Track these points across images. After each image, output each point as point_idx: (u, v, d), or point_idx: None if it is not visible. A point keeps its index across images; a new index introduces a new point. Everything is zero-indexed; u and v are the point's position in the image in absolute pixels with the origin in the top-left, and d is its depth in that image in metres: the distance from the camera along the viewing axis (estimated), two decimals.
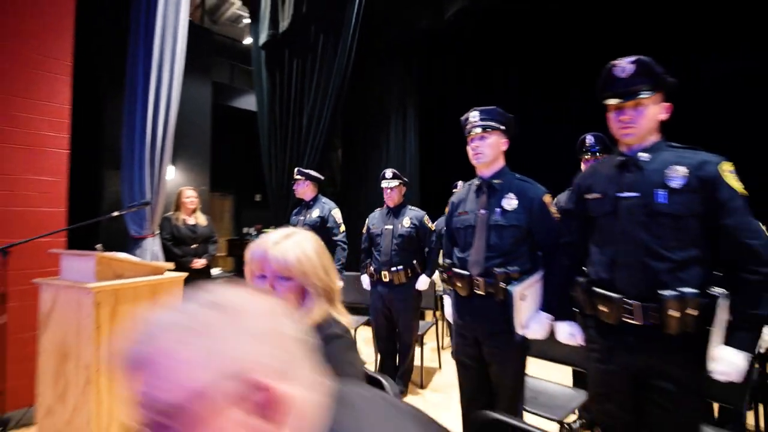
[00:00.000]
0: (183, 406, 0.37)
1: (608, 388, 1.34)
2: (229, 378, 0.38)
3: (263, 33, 4.82)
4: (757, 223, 1.19)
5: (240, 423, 0.37)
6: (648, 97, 1.26)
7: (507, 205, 1.67)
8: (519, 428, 0.86)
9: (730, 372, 1.15)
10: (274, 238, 1.06)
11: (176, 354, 0.38)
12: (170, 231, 3.49)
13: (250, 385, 0.38)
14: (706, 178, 1.20)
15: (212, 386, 0.37)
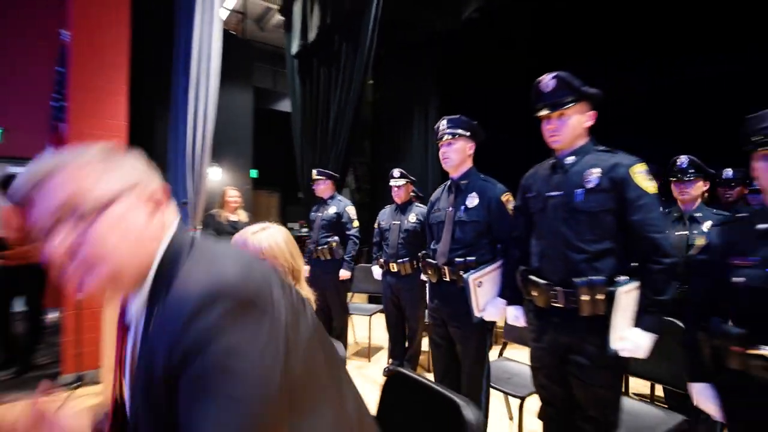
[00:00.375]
0: (101, 206, 0.58)
1: (540, 363, 1.54)
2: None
3: (295, 43, 5.23)
4: (663, 218, 1.33)
5: (134, 206, 0.62)
6: (570, 107, 1.43)
7: (470, 203, 1.89)
8: (416, 381, 1.11)
9: (635, 350, 1.31)
10: (253, 230, 1.39)
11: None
12: (214, 227, 3.97)
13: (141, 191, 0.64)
14: (617, 179, 1.36)
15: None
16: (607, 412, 1.39)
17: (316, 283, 3.45)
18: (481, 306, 1.79)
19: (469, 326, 1.83)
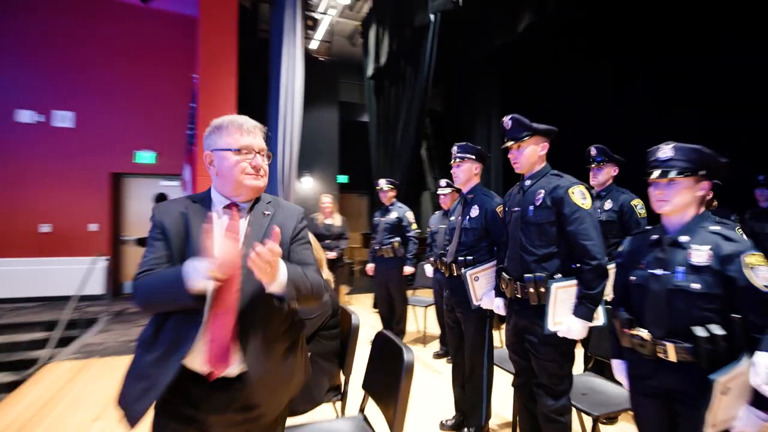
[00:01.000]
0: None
1: (509, 341, 1.96)
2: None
3: (370, 66, 5.97)
4: (592, 228, 1.68)
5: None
6: (525, 140, 1.83)
7: (472, 213, 2.34)
8: (388, 337, 1.65)
9: (568, 332, 1.69)
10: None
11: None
12: (312, 229, 4.84)
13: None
14: (557, 198, 1.73)
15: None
16: (554, 380, 1.77)
17: (380, 278, 4.13)
18: (478, 296, 2.24)
19: (470, 312, 2.29)
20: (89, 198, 6.32)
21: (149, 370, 1.04)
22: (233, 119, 1.21)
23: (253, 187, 1.18)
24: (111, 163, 6.42)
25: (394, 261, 4.15)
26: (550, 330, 1.70)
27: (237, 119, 1.21)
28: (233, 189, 1.17)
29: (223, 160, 1.16)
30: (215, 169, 1.18)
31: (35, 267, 5.93)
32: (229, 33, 4.41)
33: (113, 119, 6.40)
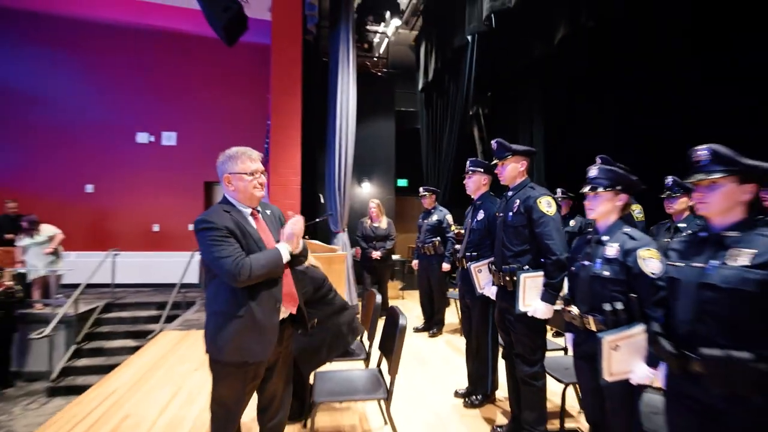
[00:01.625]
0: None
1: (497, 320, 2.42)
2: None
3: (420, 80, 6.52)
4: (554, 231, 2.10)
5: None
6: (507, 159, 2.29)
7: (479, 217, 2.82)
8: (394, 308, 2.21)
9: (535, 312, 2.13)
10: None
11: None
12: (360, 230, 5.47)
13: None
14: (527, 206, 2.18)
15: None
16: (528, 351, 2.21)
17: (423, 273, 4.66)
18: (481, 285, 2.71)
19: (475, 299, 2.77)
20: (188, 202, 7.64)
21: (263, 322, 1.63)
22: (244, 150, 1.73)
23: (260, 198, 1.77)
24: (205, 173, 7.68)
25: (435, 258, 4.64)
26: (521, 310, 2.15)
27: (246, 150, 1.74)
28: (248, 200, 1.72)
29: (240, 181, 1.68)
30: (233, 187, 1.71)
31: (148, 259, 7.35)
32: (295, 59, 5.21)
33: (206, 136, 7.66)
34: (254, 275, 1.57)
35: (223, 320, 1.62)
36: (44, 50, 7.32)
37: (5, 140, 7.21)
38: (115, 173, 7.48)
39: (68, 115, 7.41)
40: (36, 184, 7.20)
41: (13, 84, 7.26)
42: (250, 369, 1.66)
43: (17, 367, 5.31)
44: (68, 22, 7.31)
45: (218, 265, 1.56)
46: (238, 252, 1.60)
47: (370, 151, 7.43)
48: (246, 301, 1.62)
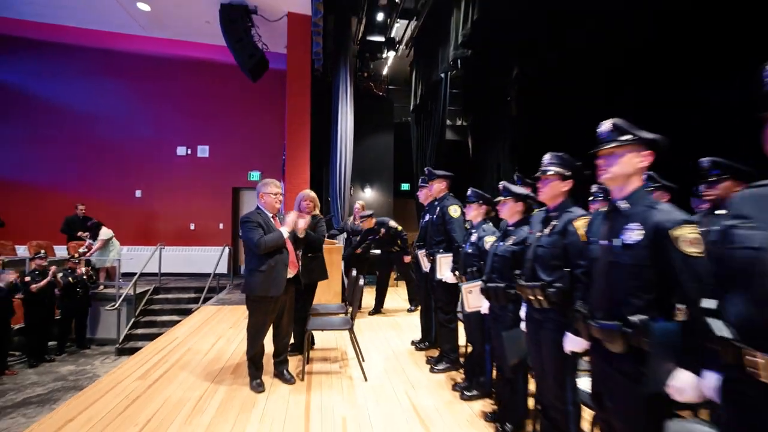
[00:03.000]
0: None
1: (429, 287, 3.65)
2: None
3: (412, 102, 7.74)
4: (458, 228, 3.31)
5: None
6: (434, 180, 3.51)
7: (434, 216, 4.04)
8: (358, 278, 3.45)
9: (447, 280, 3.34)
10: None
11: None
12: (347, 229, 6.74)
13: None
14: (443, 212, 3.40)
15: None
16: (443, 305, 3.42)
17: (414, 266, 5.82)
18: (442, 272, 3.92)
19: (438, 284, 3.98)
20: (218, 205, 9.07)
21: (275, 275, 2.90)
22: (273, 181, 3.07)
23: (278, 208, 3.05)
24: (232, 180, 9.10)
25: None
26: (437, 278, 3.37)
27: (274, 181, 3.08)
28: (271, 209, 3.02)
29: (269, 197, 3.03)
30: (263, 201, 3.04)
31: (187, 252, 8.80)
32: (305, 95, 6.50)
33: (233, 149, 9.07)
34: (267, 246, 2.86)
35: (254, 273, 2.91)
36: (104, 80, 8.85)
37: (74, 155, 8.78)
38: (159, 181, 8.97)
39: (122, 134, 8.93)
40: (97, 190, 8.74)
41: (79, 109, 8.82)
42: (270, 303, 2.95)
43: (90, 335, 6.80)
44: (123, 56, 8.82)
45: (250, 240, 2.86)
46: (260, 234, 2.88)
47: (372, 160, 8.70)
48: (266, 262, 2.90)
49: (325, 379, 3.26)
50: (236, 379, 3.19)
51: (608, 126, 1.46)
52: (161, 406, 2.73)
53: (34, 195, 8.61)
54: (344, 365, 3.59)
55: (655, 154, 1.43)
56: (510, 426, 2.39)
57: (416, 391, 3.05)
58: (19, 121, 8.72)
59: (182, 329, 4.72)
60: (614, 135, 1.45)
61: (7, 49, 8.61)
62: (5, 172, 8.58)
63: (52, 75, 8.80)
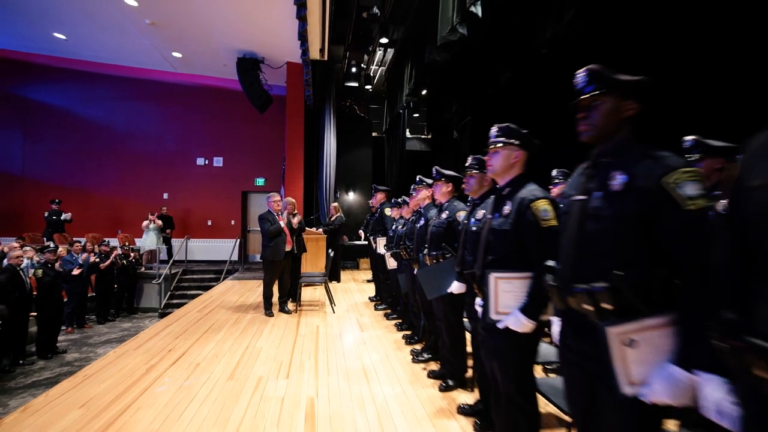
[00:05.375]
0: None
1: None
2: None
3: (384, 124, 9.87)
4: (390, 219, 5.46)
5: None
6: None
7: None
8: (337, 258, 5.55)
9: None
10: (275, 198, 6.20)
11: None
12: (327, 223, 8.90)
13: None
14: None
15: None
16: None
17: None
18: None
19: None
20: (230, 205, 11.19)
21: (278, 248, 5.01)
22: (275, 194, 5.20)
23: (279, 210, 5.17)
24: (241, 185, 11.22)
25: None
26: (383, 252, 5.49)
27: (276, 194, 5.22)
28: (275, 211, 5.13)
29: (273, 204, 5.15)
30: (270, 206, 5.16)
31: (207, 244, 10.94)
32: (299, 122, 8.60)
33: (243, 160, 11.19)
34: (271, 232, 5.01)
35: (266, 247, 5.08)
36: (138, 104, 10.96)
37: (112, 164, 10.89)
38: (183, 185, 11.08)
39: (152, 147, 11.04)
40: (133, 192, 10.87)
41: (118, 127, 10.93)
42: (276, 264, 5.10)
43: (136, 304, 8.94)
44: (154, 85, 10.92)
45: (264, 228, 5.02)
46: (269, 225, 5.02)
47: (354, 169, 10.83)
48: (273, 241, 5.05)
49: (309, 311, 5.41)
50: (256, 311, 5.34)
51: (584, 73, 1.29)
52: (214, 322, 4.86)
53: (83, 197, 10.71)
54: (321, 306, 5.73)
55: (644, 104, 1.23)
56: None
57: (362, 316, 5.19)
58: (70, 138, 10.81)
59: (214, 292, 6.88)
60: (591, 83, 1.27)
61: (62, 80, 10.71)
62: (62, 179, 10.69)
63: (96, 100, 10.90)
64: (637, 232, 1.09)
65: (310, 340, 4.16)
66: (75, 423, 2.39)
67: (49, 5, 7.21)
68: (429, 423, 2.45)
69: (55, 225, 9.20)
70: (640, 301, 1.07)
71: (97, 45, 8.95)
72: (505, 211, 1.78)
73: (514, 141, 1.83)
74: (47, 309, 5.88)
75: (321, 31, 6.39)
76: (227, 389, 2.90)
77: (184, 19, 7.13)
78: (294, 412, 2.57)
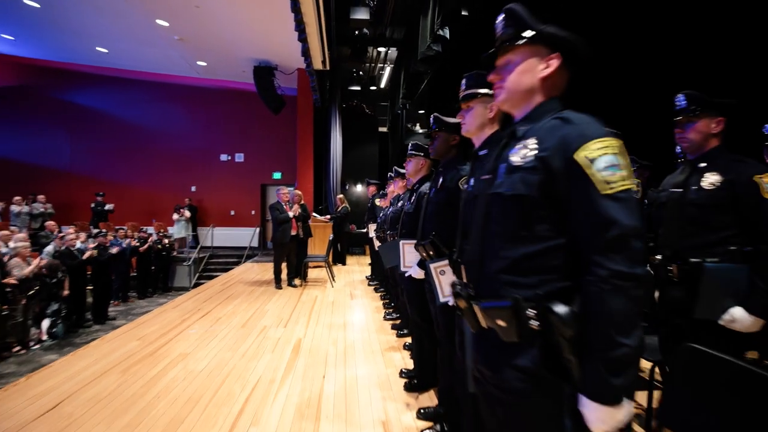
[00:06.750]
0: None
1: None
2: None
3: (387, 122, 10.76)
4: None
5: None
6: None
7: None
8: (342, 252, 6.53)
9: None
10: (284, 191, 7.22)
11: None
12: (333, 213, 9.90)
13: None
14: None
15: None
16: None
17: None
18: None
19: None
20: (251, 197, 12.34)
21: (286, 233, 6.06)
22: (282, 187, 6.27)
23: (287, 201, 6.19)
24: (260, 178, 12.34)
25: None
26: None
27: (283, 187, 6.28)
28: (285, 203, 6.16)
29: (282, 196, 6.20)
30: (279, 197, 6.21)
31: (230, 232, 12.15)
32: (308, 122, 9.61)
33: (261, 156, 12.30)
34: (279, 220, 6.04)
35: (276, 232, 6.12)
36: (168, 106, 12.19)
37: (145, 161, 12.20)
38: (208, 178, 12.30)
39: (180, 144, 12.28)
40: (164, 185, 12.16)
41: (150, 127, 12.21)
42: (284, 246, 6.15)
43: (170, 283, 10.23)
44: (182, 88, 12.11)
45: (273, 216, 6.05)
46: (278, 214, 6.05)
47: (362, 163, 11.78)
48: (281, 227, 6.08)
49: (312, 286, 6.44)
50: (268, 285, 6.40)
51: (501, 17, 1.06)
52: (234, 292, 5.94)
53: (121, 189, 12.06)
54: (323, 283, 6.74)
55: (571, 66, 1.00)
56: (405, 331, 5.40)
57: (355, 290, 6.18)
58: (109, 137, 12.16)
59: (235, 271, 8.02)
60: (508, 29, 1.04)
61: (102, 86, 12.03)
62: (103, 174, 12.07)
63: (131, 103, 12.18)
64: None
65: (308, 305, 5.18)
66: (135, 347, 3.48)
67: (95, 25, 8.39)
68: (380, 355, 3.42)
69: (99, 215, 10.55)
70: (442, 250, 1.98)
71: (133, 56, 10.15)
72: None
73: (489, 91, 1.46)
74: (100, 283, 7.13)
75: (321, 47, 7.31)
76: (240, 333, 3.94)
77: (208, 35, 8.19)
78: (285, 346, 3.58)
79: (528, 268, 0.94)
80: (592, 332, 0.85)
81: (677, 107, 1.77)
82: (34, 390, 2.69)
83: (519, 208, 0.95)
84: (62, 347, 5.78)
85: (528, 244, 0.94)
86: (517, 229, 0.95)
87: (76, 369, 3.03)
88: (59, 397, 2.59)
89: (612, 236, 0.83)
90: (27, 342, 5.61)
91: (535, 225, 0.94)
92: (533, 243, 0.94)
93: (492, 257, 1.00)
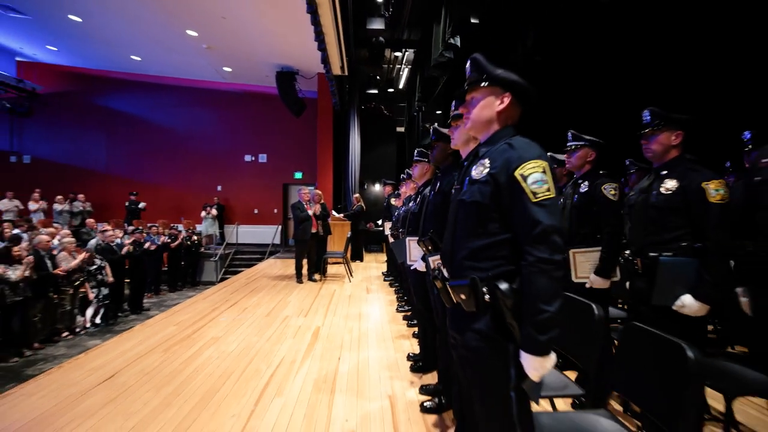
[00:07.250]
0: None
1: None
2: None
3: (404, 123, 11.04)
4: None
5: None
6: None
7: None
8: (359, 252, 6.88)
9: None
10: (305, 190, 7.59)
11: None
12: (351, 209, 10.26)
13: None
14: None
15: None
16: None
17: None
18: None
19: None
20: (273, 196, 12.85)
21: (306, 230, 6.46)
22: (303, 188, 6.66)
23: (308, 200, 6.57)
24: (282, 178, 12.83)
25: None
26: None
27: (305, 188, 6.67)
28: (306, 202, 6.56)
29: (302, 195, 6.59)
30: (300, 197, 6.59)
31: (254, 229, 12.69)
32: (328, 125, 9.99)
33: (283, 156, 12.78)
34: (299, 218, 6.44)
35: (297, 229, 6.52)
36: (195, 109, 12.81)
37: (174, 162, 12.85)
38: (233, 178, 12.87)
39: (207, 146, 12.89)
40: (192, 185, 12.79)
41: (179, 130, 12.86)
42: (304, 242, 6.55)
43: (198, 278, 10.81)
44: (209, 93, 12.71)
45: (294, 215, 6.45)
46: (298, 212, 6.45)
47: (380, 163, 12.11)
48: (302, 224, 6.48)
49: (331, 280, 6.81)
50: (290, 279, 6.81)
51: (468, 63, 1.31)
52: (258, 285, 6.37)
53: (153, 189, 12.75)
54: (342, 278, 7.11)
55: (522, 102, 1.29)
56: (415, 321, 5.73)
57: (371, 285, 6.51)
58: (141, 139, 12.86)
59: (259, 267, 8.49)
60: (474, 73, 1.32)
61: (135, 91, 12.74)
62: (136, 174, 12.79)
63: (161, 107, 12.85)
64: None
65: (327, 298, 5.55)
66: (173, 331, 3.91)
67: (129, 36, 8.99)
68: (391, 341, 3.74)
69: (133, 213, 11.24)
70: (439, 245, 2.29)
71: (164, 63, 10.77)
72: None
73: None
74: (136, 276, 7.70)
75: (339, 54, 7.67)
76: (264, 321, 4.33)
77: (234, 43, 8.66)
78: (305, 332, 3.94)
79: (483, 256, 1.25)
80: (526, 303, 1.15)
81: (643, 121, 2.03)
82: (90, 364, 3.13)
83: (476, 212, 1.26)
84: (104, 334, 6.33)
85: (483, 238, 1.25)
86: (475, 227, 1.27)
87: (123, 348, 3.47)
88: (113, 370, 3.02)
89: (537, 232, 1.14)
90: (74, 328, 6.18)
91: (488, 224, 1.25)
92: (487, 237, 1.25)
93: (458, 248, 1.32)
